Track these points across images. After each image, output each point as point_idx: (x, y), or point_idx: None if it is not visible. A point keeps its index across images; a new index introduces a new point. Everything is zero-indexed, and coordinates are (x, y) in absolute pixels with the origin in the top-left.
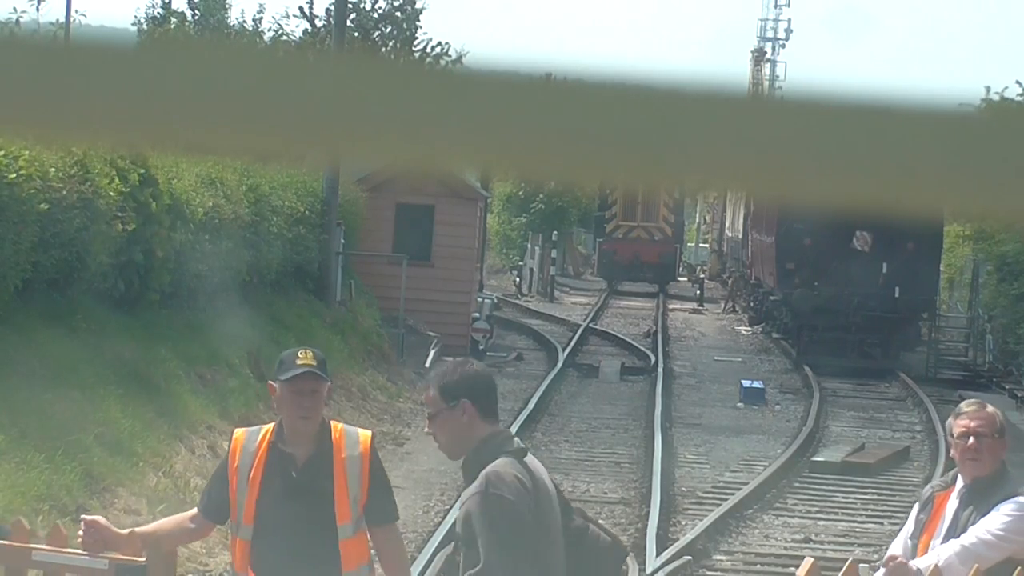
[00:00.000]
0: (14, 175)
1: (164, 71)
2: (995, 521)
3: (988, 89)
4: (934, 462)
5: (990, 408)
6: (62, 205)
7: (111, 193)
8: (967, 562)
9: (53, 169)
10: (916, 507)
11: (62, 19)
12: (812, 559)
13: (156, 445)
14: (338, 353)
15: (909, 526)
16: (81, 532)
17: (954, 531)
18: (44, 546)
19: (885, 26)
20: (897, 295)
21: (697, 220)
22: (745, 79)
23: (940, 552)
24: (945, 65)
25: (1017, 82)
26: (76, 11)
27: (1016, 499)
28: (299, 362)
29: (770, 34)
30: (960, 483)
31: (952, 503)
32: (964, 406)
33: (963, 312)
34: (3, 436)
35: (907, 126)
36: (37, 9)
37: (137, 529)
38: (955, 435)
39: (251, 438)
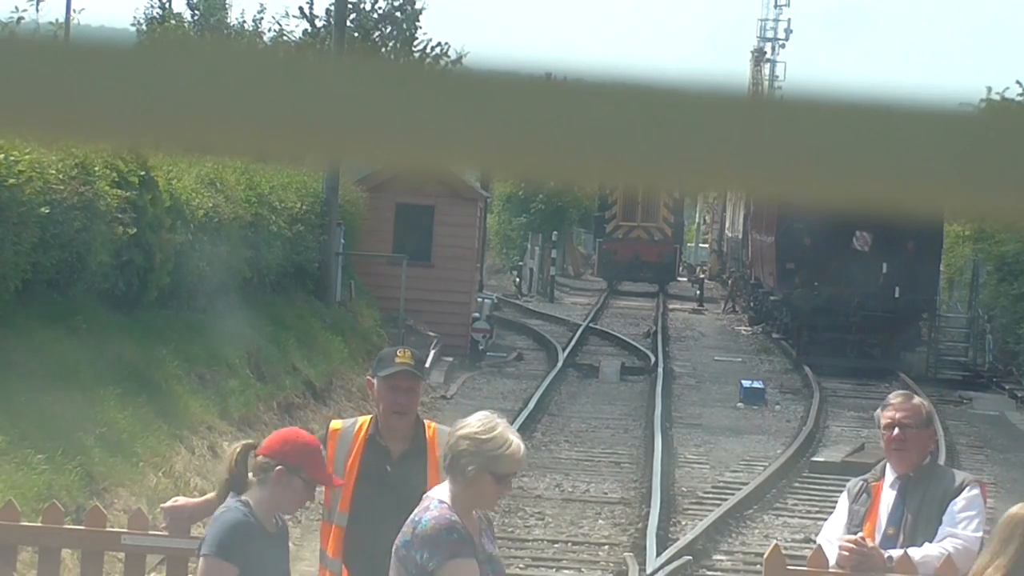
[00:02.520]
0: (14, 180)
1: (164, 71)
2: (970, 523)
3: (989, 89)
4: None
5: (916, 400)
6: (62, 206)
7: (111, 196)
8: (948, 565)
9: (53, 171)
10: (845, 499)
11: (61, 19)
12: (776, 543)
13: (156, 445)
14: (338, 353)
15: (841, 517)
16: (164, 522)
17: (897, 520)
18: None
19: (885, 26)
20: (897, 295)
21: (697, 220)
22: (745, 79)
23: (919, 550)
24: (945, 65)
25: (1017, 82)
26: (75, 10)
27: (967, 495)
28: (398, 360)
29: (770, 34)
30: (891, 474)
31: (887, 494)
32: (891, 397)
33: (963, 312)
34: (3, 436)
35: (907, 126)
36: (37, 9)
37: (214, 495)
38: (881, 426)
39: (348, 429)
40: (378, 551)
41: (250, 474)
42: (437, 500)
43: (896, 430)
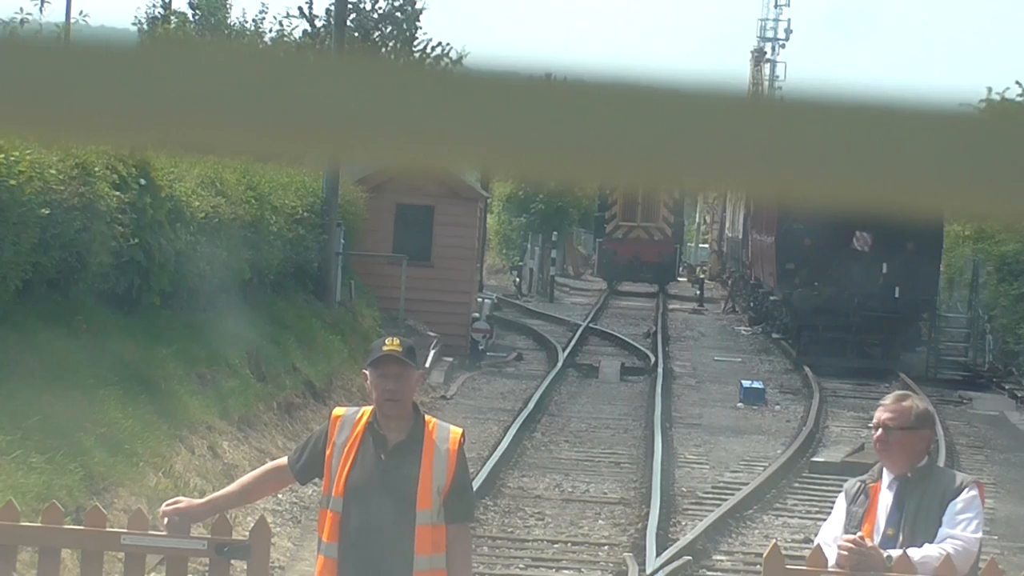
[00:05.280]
0: (14, 181)
1: (164, 71)
2: (969, 524)
3: (989, 89)
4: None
5: (907, 402)
6: (62, 207)
7: (111, 197)
8: (948, 565)
9: (53, 171)
10: (842, 501)
11: (63, 21)
12: (775, 542)
13: (156, 445)
14: (338, 353)
15: (839, 518)
16: (166, 521)
17: (896, 520)
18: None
19: (885, 26)
20: (897, 295)
21: (697, 220)
22: (745, 79)
23: (918, 550)
24: (945, 65)
25: (1017, 82)
26: (80, 12)
27: (965, 496)
28: (385, 348)
29: (770, 34)
30: (888, 475)
31: (885, 495)
32: (885, 398)
33: (963, 312)
34: (3, 436)
35: (907, 126)
36: (40, 11)
37: (216, 495)
38: (872, 426)
39: (350, 416)
40: (370, 535)
41: None
42: None
43: (879, 431)
